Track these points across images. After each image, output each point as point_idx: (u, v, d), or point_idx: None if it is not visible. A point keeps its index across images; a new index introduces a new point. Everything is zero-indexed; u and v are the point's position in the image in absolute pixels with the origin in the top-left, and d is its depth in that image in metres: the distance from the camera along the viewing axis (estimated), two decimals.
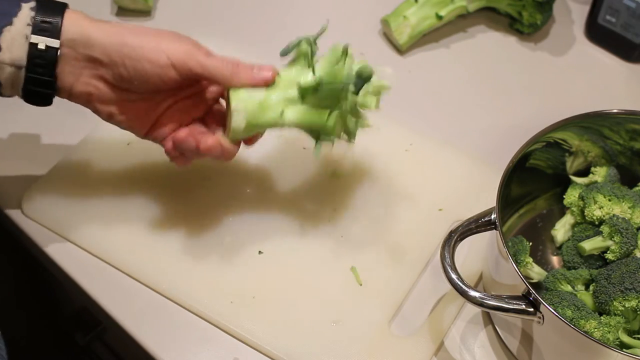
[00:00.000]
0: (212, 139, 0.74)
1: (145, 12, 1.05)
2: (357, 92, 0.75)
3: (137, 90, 0.73)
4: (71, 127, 0.90)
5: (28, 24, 0.69)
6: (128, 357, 0.94)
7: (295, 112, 0.74)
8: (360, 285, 0.80)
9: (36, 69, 0.69)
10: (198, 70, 0.72)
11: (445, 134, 0.93)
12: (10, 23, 0.68)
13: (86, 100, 0.73)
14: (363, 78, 0.75)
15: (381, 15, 1.03)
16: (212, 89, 0.78)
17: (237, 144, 0.76)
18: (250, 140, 0.78)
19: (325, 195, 0.86)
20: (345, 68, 0.74)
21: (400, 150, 0.91)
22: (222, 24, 1.05)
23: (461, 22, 1.06)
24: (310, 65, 0.75)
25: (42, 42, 0.69)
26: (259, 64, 0.75)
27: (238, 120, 0.73)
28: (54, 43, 0.69)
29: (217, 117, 0.78)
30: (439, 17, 1.01)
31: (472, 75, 1.02)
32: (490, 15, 1.08)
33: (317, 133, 0.76)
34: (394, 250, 0.82)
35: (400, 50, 1.03)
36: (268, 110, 0.74)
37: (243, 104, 0.73)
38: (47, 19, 0.69)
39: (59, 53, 0.69)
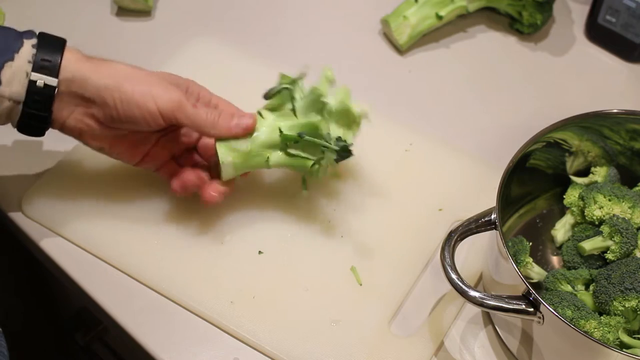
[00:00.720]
0: (215, 189, 0.79)
1: (145, 12, 1.05)
2: (338, 161, 0.79)
3: (125, 128, 0.76)
4: None
5: (29, 61, 0.71)
6: (128, 357, 0.94)
7: (279, 158, 0.79)
8: (360, 285, 0.80)
9: (33, 104, 0.72)
10: (184, 122, 0.75)
11: (445, 134, 0.93)
12: (11, 59, 0.70)
13: (78, 134, 0.76)
14: (346, 152, 0.79)
15: (381, 15, 1.03)
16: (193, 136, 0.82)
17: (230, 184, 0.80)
18: (243, 175, 0.81)
19: (325, 195, 0.86)
20: (325, 117, 0.78)
21: (400, 150, 0.91)
22: (222, 24, 1.05)
23: (461, 22, 1.06)
24: (292, 109, 0.79)
25: (41, 80, 0.71)
26: (240, 112, 0.78)
27: (227, 171, 0.78)
28: (53, 82, 0.71)
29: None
30: (439, 17, 1.01)
31: (472, 75, 1.02)
32: (490, 15, 1.08)
33: (302, 173, 0.81)
34: (394, 250, 0.82)
35: (400, 50, 1.03)
36: (253, 158, 0.78)
37: (230, 157, 0.77)
38: (47, 57, 0.71)
39: (56, 91, 0.72)
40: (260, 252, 0.81)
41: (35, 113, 0.72)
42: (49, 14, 1.04)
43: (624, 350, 0.70)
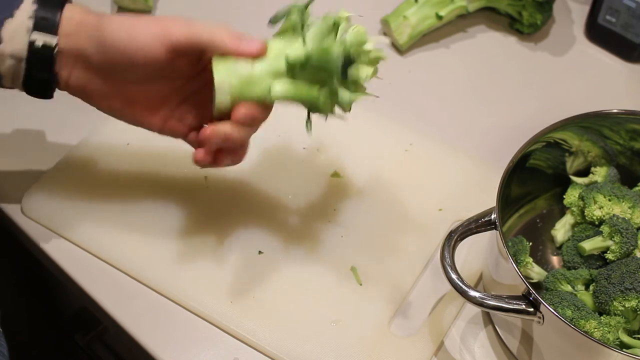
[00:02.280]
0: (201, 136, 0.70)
1: (145, 12, 1.05)
2: (347, 67, 0.70)
3: (130, 79, 0.71)
4: (71, 126, 0.90)
5: (30, 17, 0.68)
6: (128, 357, 0.94)
7: (283, 87, 0.70)
8: (360, 285, 0.80)
9: (35, 64, 0.69)
10: (182, 40, 0.68)
11: (445, 134, 0.93)
12: (11, 15, 0.68)
13: (83, 94, 0.72)
14: (351, 52, 0.71)
15: (381, 15, 1.03)
16: None
17: (266, 108, 0.71)
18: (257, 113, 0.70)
19: (325, 195, 0.86)
20: (337, 44, 0.70)
21: (400, 150, 0.91)
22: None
23: (461, 22, 1.06)
24: (301, 36, 0.71)
25: (41, 39, 0.69)
26: (250, 36, 0.70)
27: (221, 97, 0.69)
28: (52, 40, 0.69)
29: None
30: (439, 17, 1.01)
31: (472, 75, 1.02)
32: (490, 15, 1.08)
33: (308, 107, 0.72)
34: (394, 250, 0.82)
35: (400, 50, 1.03)
36: (254, 84, 0.69)
37: (227, 79, 0.68)
38: (47, 15, 0.69)
39: (56, 50, 0.69)
40: (260, 252, 0.81)
41: (38, 75, 0.70)
42: None
43: (624, 350, 0.70)
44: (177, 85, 0.73)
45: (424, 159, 0.90)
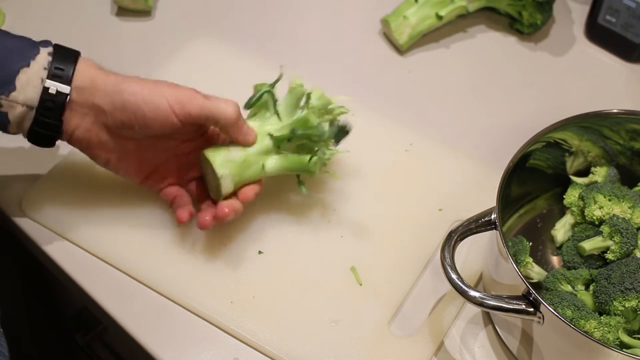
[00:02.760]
0: (228, 206, 0.78)
1: (145, 12, 1.05)
2: (337, 143, 0.81)
3: (136, 137, 0.76)
4: None
5: (45, 68, 0.71)
6: (128, 357, 0.94)
7: (275, 162, 0.79)
8: (360, 285, 0.80)
9: (45, 111, 0.72)
10: (198, 111, 0.74)
11: (445, 134, 0.94)
12: (27, 65, 0.71)
13: (86, 146, 0.76)
14: (344, 132, 0.80)
15: (381, 15, 1.03)
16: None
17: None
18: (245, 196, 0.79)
19: (325, 195, 0.86)
20: (310, 112, 0.78)
21: (400, 150, 0.91)
22: (222, 24, 1.05)
23: (461, 22, 1.06)
24: (274, 112, 0.79)
25: (54, 87, 0.71)
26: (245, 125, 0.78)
27: (226, 185, 0.76)
28: (65, 89, 0.72)
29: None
30: (439, 17, 1.01)
31: (472, 75, 1.02)
32: (490, 15, 1.08)
33: (298, 172, 0.81)
34: (394, 250, 0.82)
35: (400, 50, 1.03)
36: (249, 167, 0.78)
37: (228, 169, 0.76)
38: (61, 66, 0.72)
39: (67, 99, 0.72)
40: (260, 252, 0.81)
41: (46, 121, 0.72)
42: (49, 14, 1.04)
43: (624, 350, 0.70)
44: (170, 146, 0.78)
45: (424, 159, 0.90)
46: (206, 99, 0.75)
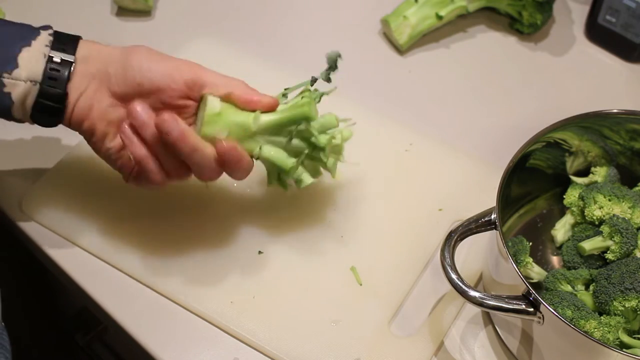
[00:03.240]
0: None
1: (145, 12, 1.05)
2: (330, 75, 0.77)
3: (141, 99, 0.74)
4: None
5: (46, 45, 0.72)
6: (128, 357, 0.94)
7: (270, 150, 0.76)
8: (360, 285, 0.80)
9: (50, 82, 0.72)
10: (203, 76, 0.74)
11: (445, 134, 0.94)
12: (29, 44, 0.71)
13: (86, 116, 0.73)
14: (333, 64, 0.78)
15: (381, 15, 1.03)
16: None
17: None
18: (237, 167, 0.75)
19: (325, 195, 0.86)
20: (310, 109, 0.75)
21: (400, 150, 0.91)
22: (222, 24, 1.05)
23: (461, 22, 1.06)
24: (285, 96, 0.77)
25: (59, 56, 0.72)
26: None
27: (212, 104, 0.73)
28: (70, 58, 0.72)
29: None
30: (439, 17, 1.01)
31: (472, 75, 1.02)
32: (490, 15, 1.08)
33: (278, 171, 0.78)
34: (394, 250, 0.82)
35: (400, 50, 1.03)
36: (242, 116, 0.75)
37: (220, 104, 0.74)
38: (63, 43, 0.73)
39: (72, 67, 0.72)
40: (260, 252, 0.81)
41: (51, 91, 0.72)
42: (49, 13, 1.04)
43: (624, 350, 0.70)
44: (177, 98, 0.75)
45: (424, 159, 0.90)
46: (212, 71, 0.75)
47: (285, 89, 0.78)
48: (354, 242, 0.83)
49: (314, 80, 0.78)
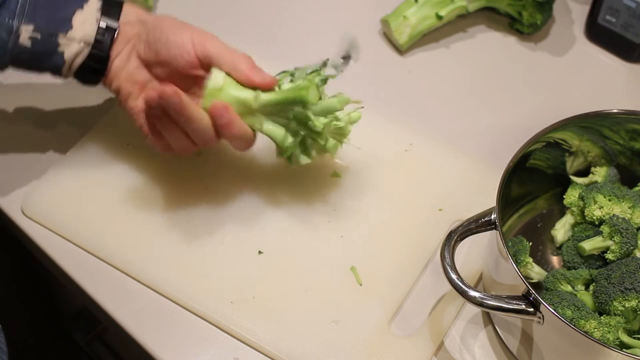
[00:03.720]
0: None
1: None
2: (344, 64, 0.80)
3: (160, 68, 0.79)
4: (72, 126, 0.90)
5: (98, 9, 0.78)
6: (128, 357, 0.94)
7: (269, 125, 0.78)
8: (360, 285, 0.80)
9: (98, 44, 0.78)
10: (211, 51, 0.78)
11: (445, 134, 0.93)
12: (81, 7, 0.78)
13: (118, 72, 0.80)
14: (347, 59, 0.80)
15: (381, 15, 1.03)
16: None
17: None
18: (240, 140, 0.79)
19: (325, 195, 0.86)
20: (310, 92, 0.76)
21: (400, 150, 0.91)
22: (223, 23, 1.05)
23: (461, 22, 1.06)
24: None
25: (105, 22, 0.78)
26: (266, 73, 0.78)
27: (215, 77, 0.77)
28: (114, 24, 0.79)
29: None
30: (439, 17, 1.01)
31: (472, 75, 1.02)
32: (490, 15, 1.08)
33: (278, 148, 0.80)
34: (394, 250, 0.82)
35: (400, 50, 1.03)
36: (245, 93, 0.77)
37: (223, 76, 0.77)
38: (110, 7, 0.79)
39: (116, 32, 0.78)
40: (260, 252, 0.81)
41: (98, 54, 0.78)
42: None
43: (624, 350, 0.70)
44: (189, 68, 0.80)
45: (424, 159, 0.90)
46: (223, 45, 0.79)
47: (295, 68, 0.80)
48: (354, 242, 0.83)
49: (324, 64, 0.79)
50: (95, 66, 0.79)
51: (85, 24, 0.77)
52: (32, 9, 0.75)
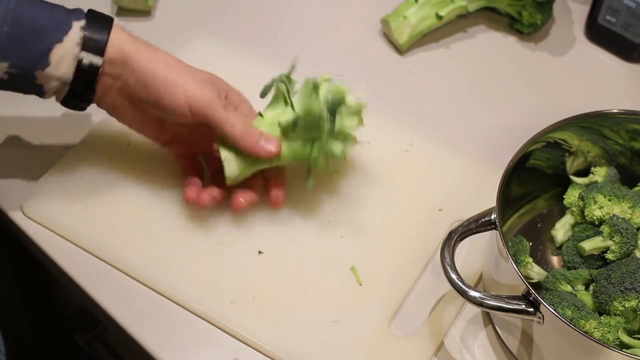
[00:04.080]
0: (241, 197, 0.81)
1: (145, 12, 1.05)
2: (332, 120, 0.78)
3: (154, 115, 0.78)
4: (71, 126, 0.90)
5: (78, 44, 0.73)
6: (128, 357, 0.94)
7: (281, 151, 0.78)
8: (360, 285, 0.80)
9: (78, 82, 0.74)
10: (212, 122, 0.76)
11: (445, 134, 0.94)
12: (60, 40, 0.72)
13: (111, 109, 0.79)
14: (333, 106, 0.78)
15: (381, 15, 1.03)
16: None
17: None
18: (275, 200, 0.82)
19: (325, 195, 0.86)
20: (320, 103, 0.77)
21: (400, 150, 0.91)
22: (222, 24, 1.05)
23: (461, 22, 1.06)
24: (289, 103, 0.79)
25: (88, 58, 0.73)
26: (267, 136, 0.77)
27: (230, 169, 0.78)
28: (98, 61, 0.74)
29: None
30: (439, 17, 1.01)
31: (472, 75, 1.02)
32: (490, 15, 1.08)
33: (307, 164, 0.80)
34: (394, 250, 0.82)
35: (400, 50, 1.03)
36: (258, 160, 0.78)
37: (232, 154, 0.78)
38: (94, 37, 0.74)
39: (100, 71, 0.74)
40: (260, 252, 0.81)
41: (79, 90, 0.75)
42: None
43: (624, 350, 0.70)
44: (183, 123, 0.79)
45: (424, 159, 0.90)
46: (225, 113, 0.76)
47: (265, 86, 0.81)
48: (354, 242, 0.83)
49: (284, 76, 0.80)
50: (79, 99, 0.77)
51: (63, 62, 0.72)
52: (6, 42, 0.70)
